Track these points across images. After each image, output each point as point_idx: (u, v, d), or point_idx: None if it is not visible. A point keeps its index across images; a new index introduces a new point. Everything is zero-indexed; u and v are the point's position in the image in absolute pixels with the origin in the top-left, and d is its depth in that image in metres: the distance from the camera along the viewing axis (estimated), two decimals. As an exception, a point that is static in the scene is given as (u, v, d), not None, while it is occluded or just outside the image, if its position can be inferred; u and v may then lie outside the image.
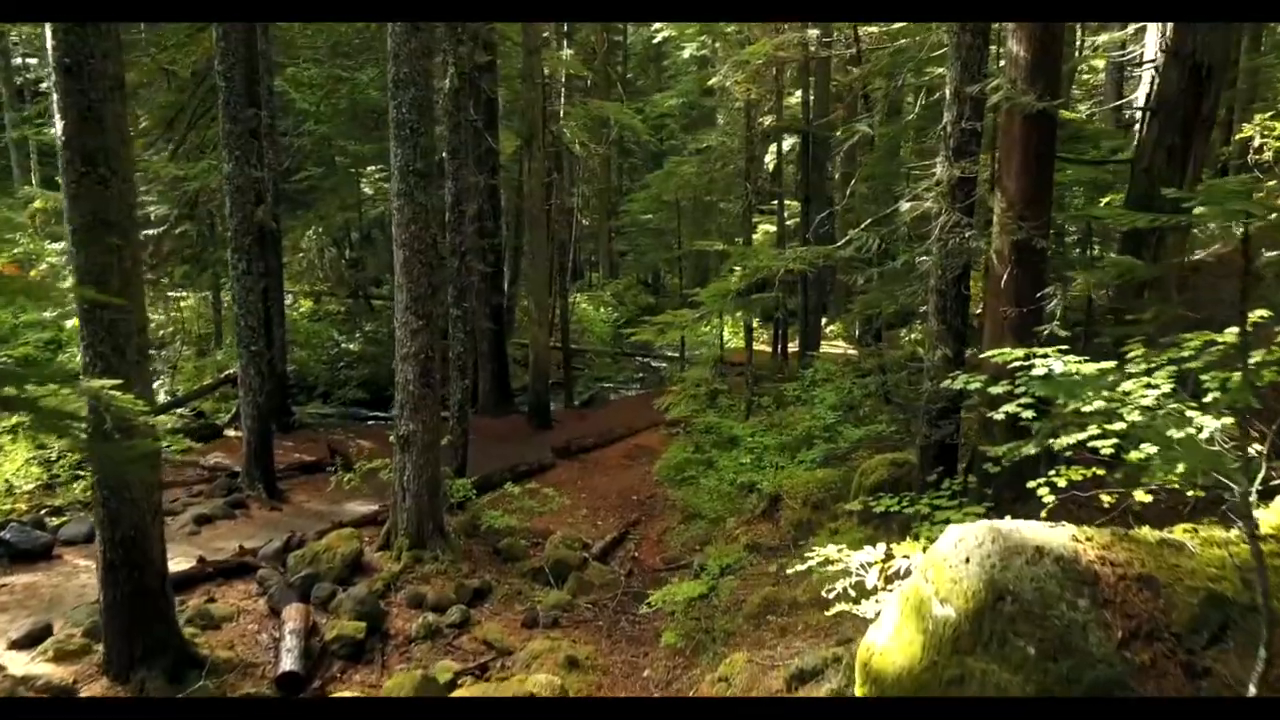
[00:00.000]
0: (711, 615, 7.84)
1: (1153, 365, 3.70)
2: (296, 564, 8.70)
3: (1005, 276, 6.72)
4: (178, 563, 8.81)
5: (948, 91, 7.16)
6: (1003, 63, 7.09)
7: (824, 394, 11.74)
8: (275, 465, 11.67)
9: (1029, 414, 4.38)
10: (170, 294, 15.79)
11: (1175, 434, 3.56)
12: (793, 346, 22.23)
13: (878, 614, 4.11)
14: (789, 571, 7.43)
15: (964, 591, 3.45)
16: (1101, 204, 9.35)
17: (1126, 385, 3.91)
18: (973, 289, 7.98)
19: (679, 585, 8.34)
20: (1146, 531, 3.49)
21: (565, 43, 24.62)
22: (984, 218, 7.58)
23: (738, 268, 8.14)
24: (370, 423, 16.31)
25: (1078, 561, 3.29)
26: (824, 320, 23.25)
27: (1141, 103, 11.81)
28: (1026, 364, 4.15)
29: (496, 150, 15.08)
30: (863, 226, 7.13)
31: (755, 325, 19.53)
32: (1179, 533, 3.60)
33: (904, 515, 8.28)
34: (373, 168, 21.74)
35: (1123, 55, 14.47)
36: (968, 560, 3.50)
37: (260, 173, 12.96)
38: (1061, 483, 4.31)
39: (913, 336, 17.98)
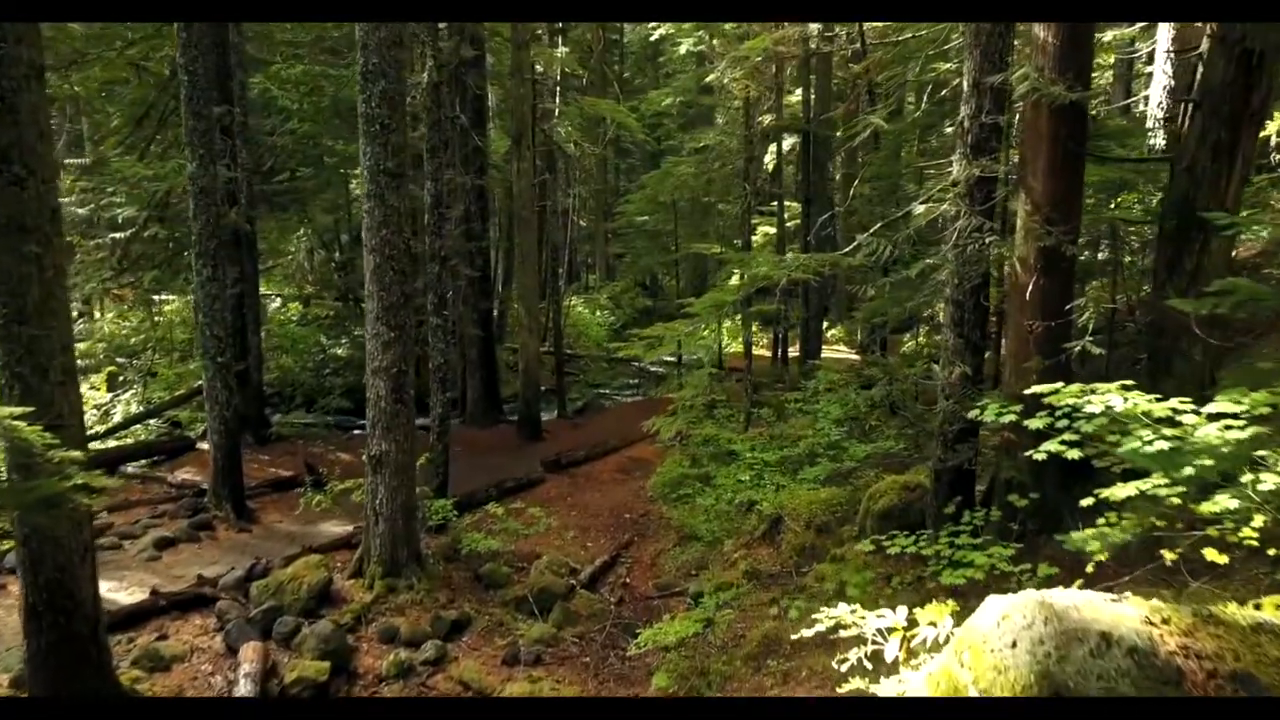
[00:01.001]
0: (708, 654, 7.20)
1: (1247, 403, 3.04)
2: (259, 595, 8.05)
3: (1030, 286, 6.09)
4: (131, 593, 8.20)
5: (965, 83, 6.53)
6: (1028, 50, 6.47)
7: (827, 406, 11.09)
8: (247, 482, 11.03)
9: (1075, 453, 3.74)
10: (154, 298, 15.11)
11: (1268, 484, 2.93)
12: (793, 351, 21.64)
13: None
14: (790, 615, 6.81)
15: (1010, 684, 2.81)
16: (1113, 205, 8.73)
17: (1189, 419, 3.28)
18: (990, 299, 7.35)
19: (671, 624, 7.69)
20: (1235, 611, 2.85)
21: (560, 40, 24.00)
22: (1005, 221, 6.95)
23: (737, 276, 7.50)
24: (355, 433, 15.64)
25: (1155, 654, 2.65)
26: (825, 324, 22.64)
27: (1157, 97, 11.22)
28: (1078, 399, 3.51)
29: (483, 149, 14.44)
30: (872, 231, 6.49)
31: (755, 329, 18.91)
32: (1270, 609, 2.96)
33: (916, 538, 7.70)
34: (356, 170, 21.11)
35: (1132, 52, 13.85)
36: (1014, 645, 2.86)
37: (233, 173, 12.34)
38: (1116, 535, 3.66)
39: (919, 341, 17.36)
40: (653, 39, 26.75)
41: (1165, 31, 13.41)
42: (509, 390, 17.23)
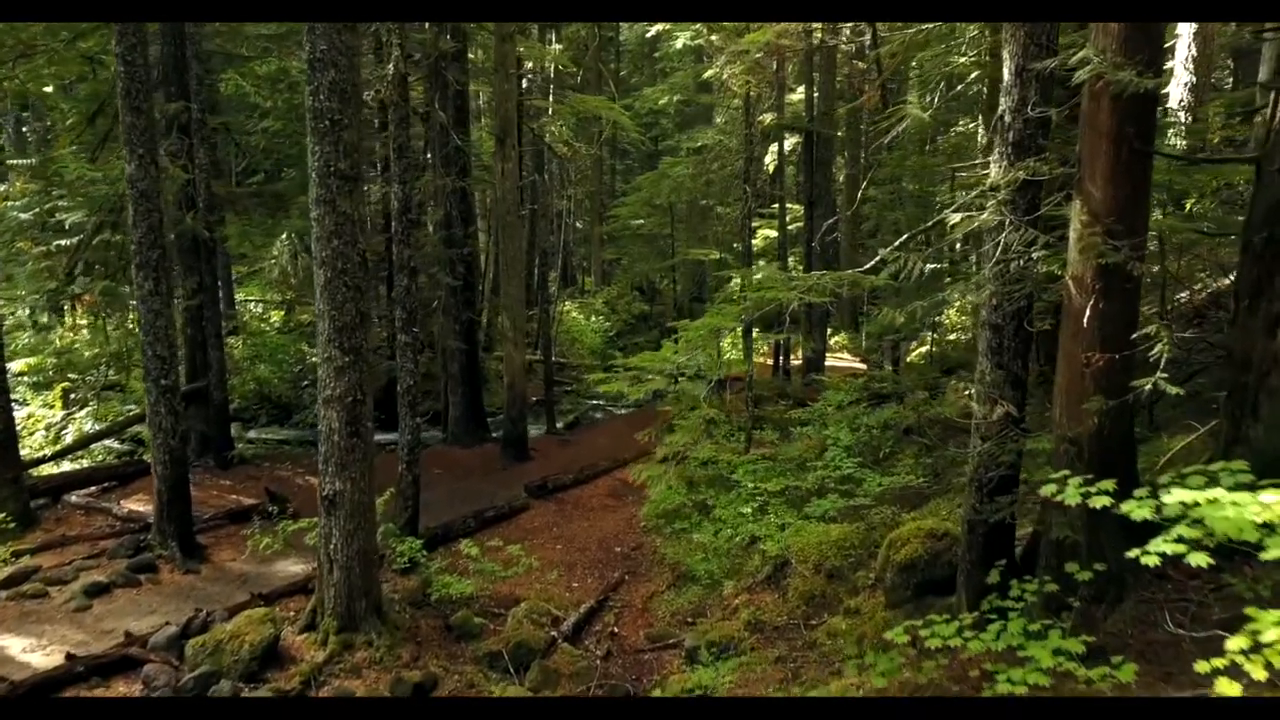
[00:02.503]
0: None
1: None
2: (195, 655, 7.07)
3: (1088, 311, 5.11)
4: (49, 654, 7.21)
5: (1006, 71, 5.56)
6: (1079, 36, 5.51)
7: (836, 431, 10.11)
8: (202, 513, 10.09)
9: (1203, 558, 2.76)
10: (108, 309, 14.09)
11: None
12: (795, 359, 20.67)
13: None
14: (799, 685, 5.84)
15: None
16: (1161, 213, 7.78)
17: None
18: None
19: (662, 692, 6.70)
20: None
21: (553, 37, 23.04)
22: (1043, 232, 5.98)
23: (738, 294, 6.53)
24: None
25: None
26: (828, 330, 21.68)
27: (1178, 94, 10.20)
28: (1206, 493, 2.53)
29: (464, 148, 13.46)
30: (897, 244, 5.51)
31: (755, 334, 17.92)
32: None
33: (944, 597, 6.74)
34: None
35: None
36: None
37: (189, 174, 11.37)
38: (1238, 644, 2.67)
39: (932, 350, 16.40)
40: (649, 35, 25.83)
41: (1187, 26, 12.53)
42: (497, 400, 16.23)
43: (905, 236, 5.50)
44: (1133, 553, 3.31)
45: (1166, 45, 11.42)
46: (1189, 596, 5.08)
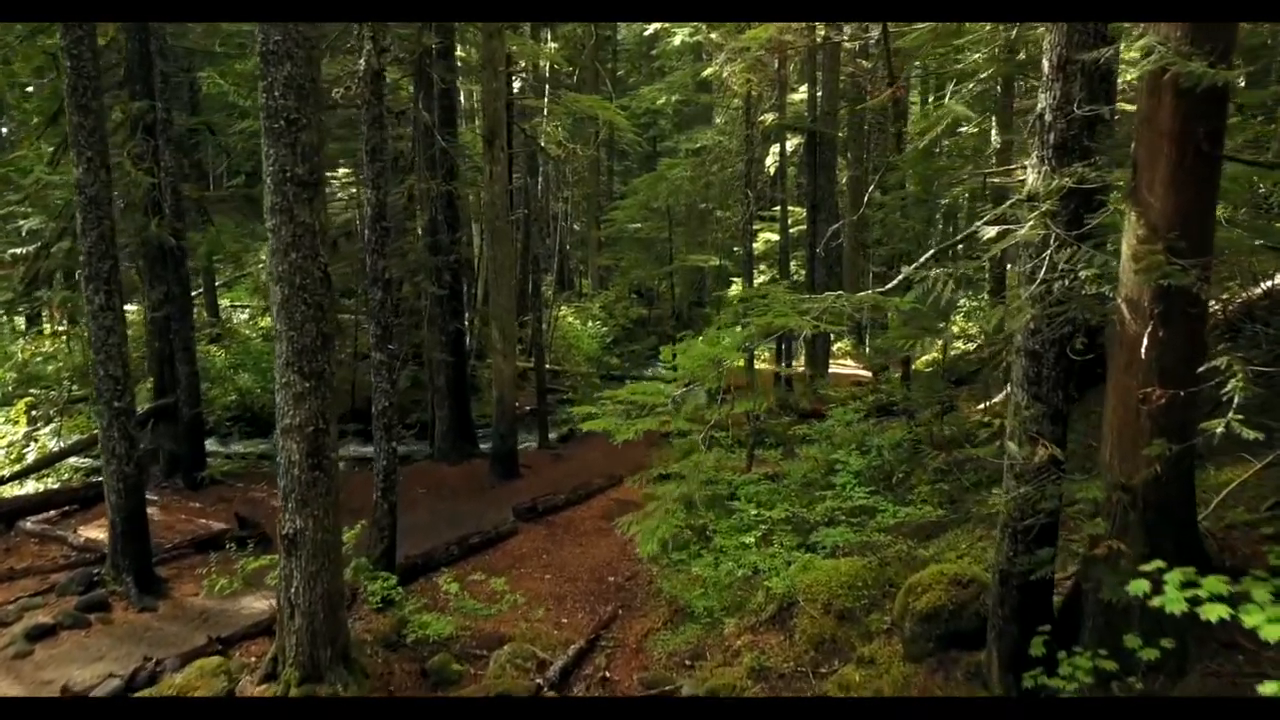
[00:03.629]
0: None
1: None
2: (139, 713, 6.37)
3: (1146, 339, 4.43)
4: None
5: (1046, 63, 4.88)
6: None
7: (846, 454, 9.42)
8: (164, 541, 9.43)
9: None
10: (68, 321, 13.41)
11: None
12: (798, 364, 19.98)
13: None
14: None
15: None
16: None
17: None
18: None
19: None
20: None
21: (548, 35, 22.38)
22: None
23: (739, 308, 5.86)
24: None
25: None
26: (831, 335, 21.01)
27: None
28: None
29: (449, 151, 12.77)
30: (923, 260, 4.82)
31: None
32: None
33: (971, 652, 6.06)
34: (343, 170, 19.54)
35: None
36: None
37: (155, 178, 10.69)
38: None
39: (935, 357, 15.71)
40: (646, 33, 25.16)
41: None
42: (487, 409, 15.52)
43: (932, 251, 4.81)
44: (1207, 613, 2.70)
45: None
46: (1264, 671, 4.41)
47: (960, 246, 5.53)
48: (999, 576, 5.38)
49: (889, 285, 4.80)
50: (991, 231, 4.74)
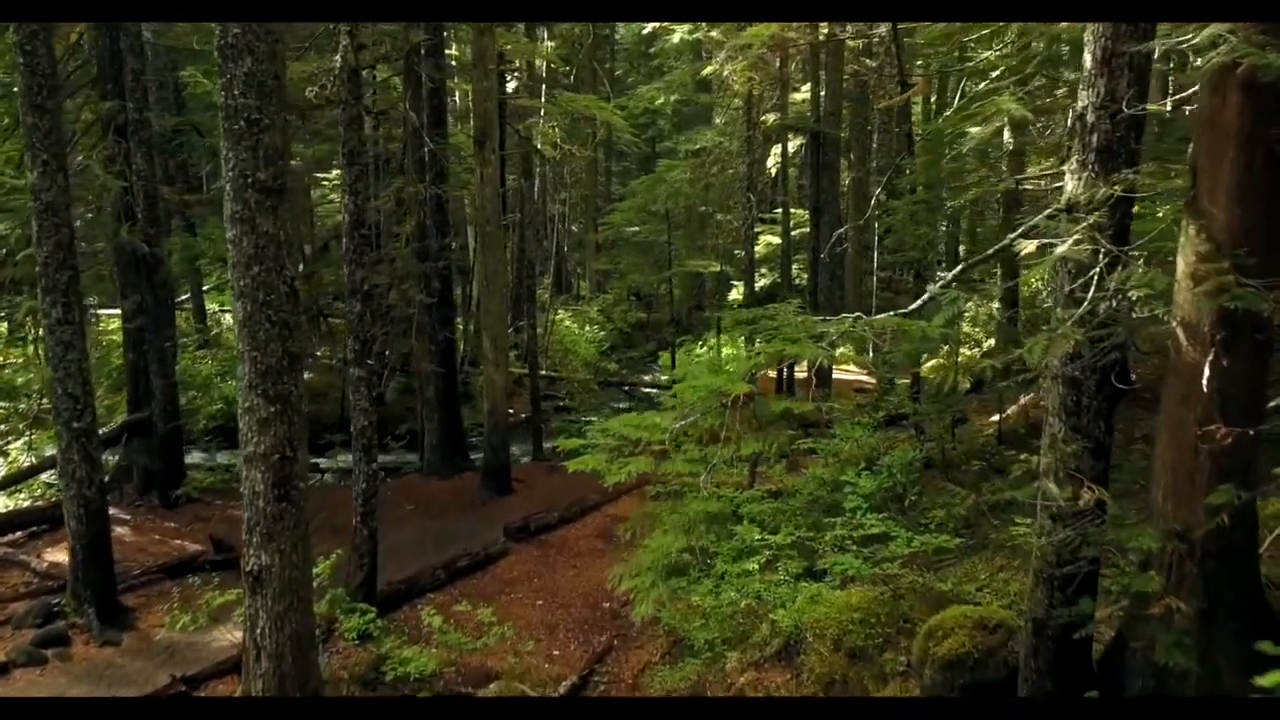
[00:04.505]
0: None
1: None
2: (89, 767, 5.84)
3: (1207, 369, 3.91)
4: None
5: (1088, 56, 4.35)
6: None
7: (853, 474, 8.88)
8: (129, 569, 8.90)
9: None
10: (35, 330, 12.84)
11: None
12: (800, 370, 19.44)
13: None
14: None
15: None
16: None
17: None
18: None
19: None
20: None
21: (544, 33, 21.85)
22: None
23: (753, 346, 5.30)
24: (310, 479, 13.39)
25: None
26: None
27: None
28: None
29: (439, 152, 12.24)
30: (950, 278, 4.29)
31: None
32: None
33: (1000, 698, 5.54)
34: (336, 172, 19.06)
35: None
36: None
37: (126, 182, 10.17)
38: None
39: (947, 363, 15.16)
40: (645, 31, 24.66)
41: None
42: (480, 417, 14.94)
43: (960, 267, 4.28)
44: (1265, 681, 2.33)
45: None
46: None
47: (993, 260, 4.99)
48: (1032, 626, 4.85)
49: (911, 306, 4.27)
50: (1030, 245, 4.22)
